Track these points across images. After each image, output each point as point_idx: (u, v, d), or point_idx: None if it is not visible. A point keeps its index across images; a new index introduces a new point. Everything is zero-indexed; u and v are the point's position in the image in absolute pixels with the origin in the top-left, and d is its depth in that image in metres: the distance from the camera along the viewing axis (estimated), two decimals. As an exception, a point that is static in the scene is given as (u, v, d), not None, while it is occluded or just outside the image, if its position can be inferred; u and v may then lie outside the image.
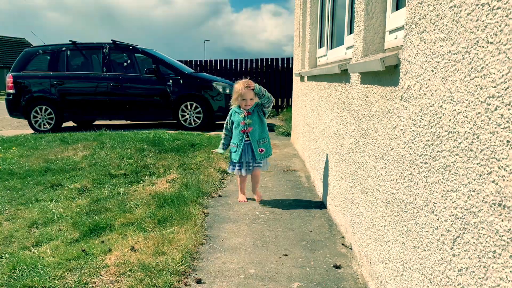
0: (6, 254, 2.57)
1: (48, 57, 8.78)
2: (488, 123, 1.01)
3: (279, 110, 12.34)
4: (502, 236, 0.95)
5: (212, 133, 7.59)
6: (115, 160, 4.86)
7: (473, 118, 1.08)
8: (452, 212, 1.20)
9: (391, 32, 2.11)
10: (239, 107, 3.47)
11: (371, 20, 2.20)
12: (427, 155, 1.38)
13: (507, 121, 0.93)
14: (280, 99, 12.55)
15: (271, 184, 4.13)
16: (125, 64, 8.77)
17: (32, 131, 8.43)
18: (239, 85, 3.39)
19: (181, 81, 8.41)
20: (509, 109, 0.93)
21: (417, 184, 1.46)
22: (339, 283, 2.14)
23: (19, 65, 8.74)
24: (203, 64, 13.17)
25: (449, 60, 1.23)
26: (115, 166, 4.64)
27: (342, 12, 3.46)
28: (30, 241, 2.77)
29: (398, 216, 1.65)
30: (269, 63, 12.67)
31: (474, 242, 1.08)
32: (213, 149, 4.52)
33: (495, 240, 0.98)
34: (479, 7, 1.06)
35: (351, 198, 2.50)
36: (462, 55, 1.15)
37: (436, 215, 1.30)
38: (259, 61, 12.78)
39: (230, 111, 3.54)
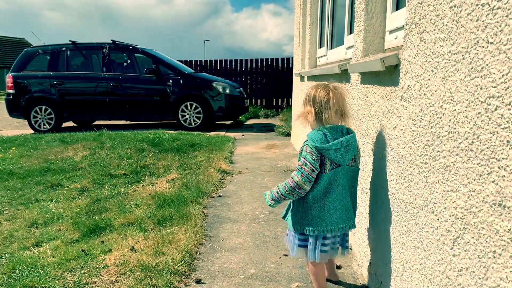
0: (6, 254, 2.57)
1: (48, 57, 8.76)
2: (488, 123, 1.01)
3: (279, 110, 12.34)
4: (502, 236, 0.95)
5: (212, 133, 7.59)
6: (115, 160, 4.86)
7: (473, 118, 1.08)
8: (452, 212, 1.20)
9: (391, 32, 2.11)
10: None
11: (371, 20, 2.20)
12: (427, 155, 1.37)
13: (507, 121, 0.93)
14: (280, 99, 12.54)
15: (271, 184, 4.12)
16: (125, 64, 8.76)
17: (32, 131, 8.42)
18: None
19: (181, 81, 8.40)
20: (509, 109, 0.93)
21: (417, 184, 1.45)
22: (339, 283, 2.14)
23: (19, 65, 8.73)
24: (203, 64, 13.17)
25: (449, 60, 1.23)
26: (115, 166, 4.64)
27: (342, 12, 3.46)
28: (30, 241, 2.77)
29: (398, 216, 1.65)
30: (269, 63, 12.66)
31: (474, 242, 1.08)
32: (213, 149, 4.41)
33: (495, 240, 0.98)
34: (479, 7, 1.05)
35: (351, 198, 2.50)
36: (462, 55, 1.15)
37: (436, 215, 1.30)
38: (259, 61, 12.77)
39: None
